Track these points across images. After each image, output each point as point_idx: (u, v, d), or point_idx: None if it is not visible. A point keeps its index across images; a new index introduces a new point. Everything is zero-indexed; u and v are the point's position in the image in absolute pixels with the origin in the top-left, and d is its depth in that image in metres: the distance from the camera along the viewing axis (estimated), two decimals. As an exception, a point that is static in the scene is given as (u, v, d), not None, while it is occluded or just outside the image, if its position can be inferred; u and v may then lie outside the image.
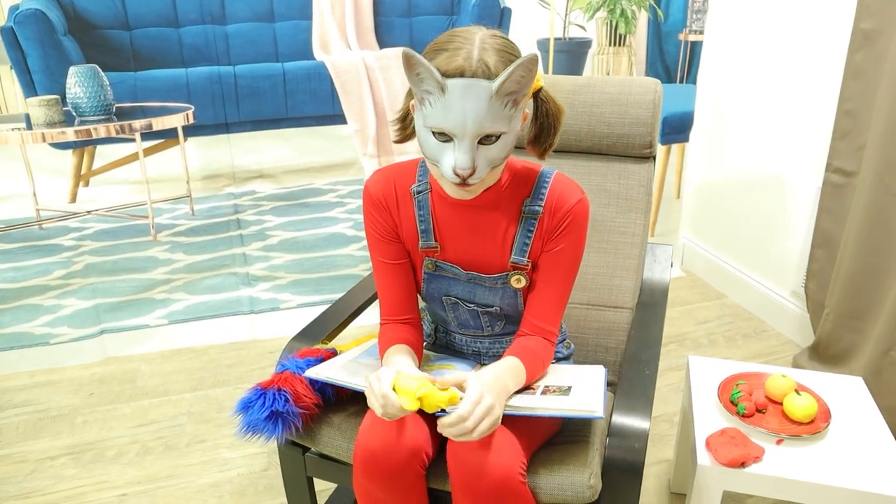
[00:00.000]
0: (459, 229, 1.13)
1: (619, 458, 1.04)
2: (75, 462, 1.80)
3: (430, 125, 0.97)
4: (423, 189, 1.14)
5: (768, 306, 2.39)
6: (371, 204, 1.15)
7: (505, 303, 1.16)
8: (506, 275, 1.13)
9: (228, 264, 2.34)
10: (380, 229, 1.16)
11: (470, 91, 0.92)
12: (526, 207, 1.10)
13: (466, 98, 0.93)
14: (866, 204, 1.81)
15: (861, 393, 1.42)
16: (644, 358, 1.25)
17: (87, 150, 2.10)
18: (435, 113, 0.95)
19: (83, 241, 2.19)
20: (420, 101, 0.97)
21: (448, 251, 1.15)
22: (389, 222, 1.15)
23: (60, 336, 2.24)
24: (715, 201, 2.65)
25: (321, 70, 2.12)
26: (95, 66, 1.96)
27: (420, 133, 1.00)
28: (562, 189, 1.10)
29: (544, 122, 1.07)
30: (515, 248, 1.12)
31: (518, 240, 1.11)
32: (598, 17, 2.38)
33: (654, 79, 1.52)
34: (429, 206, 1.13)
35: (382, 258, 1.17)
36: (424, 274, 1.18)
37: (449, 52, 0.94)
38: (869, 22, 1.78)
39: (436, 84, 0.93)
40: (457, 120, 0.94)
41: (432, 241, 1.14)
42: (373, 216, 1.16)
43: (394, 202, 1.14)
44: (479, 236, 1.13)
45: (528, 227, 1.11)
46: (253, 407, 1.13)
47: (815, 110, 2.09)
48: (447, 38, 0.98)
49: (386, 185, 1.15)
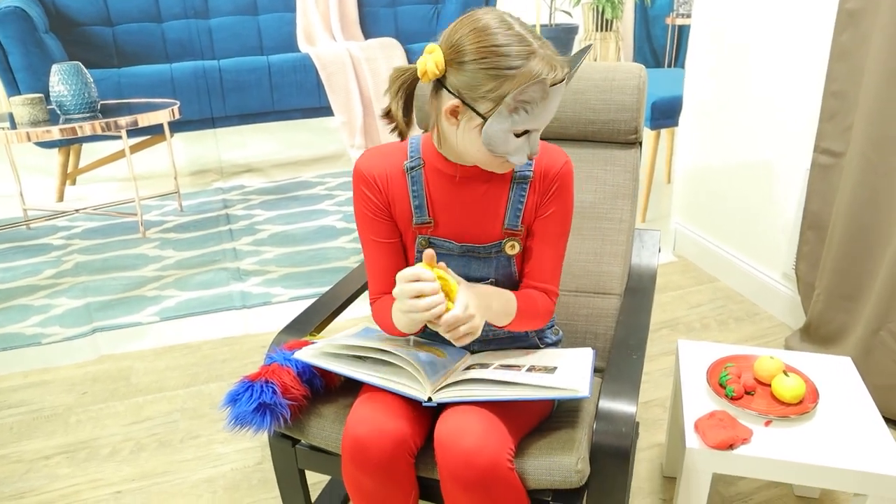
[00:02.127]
0: (453, 202, 1.14)
1: (607, 443, 1.05)
2: (70, 461, 1.81)
3: (521, 128, 1.01)
4: (417, 165, 1.14)
5: (760, 289, 2.40)
6: (362, 182, 1.15)
7: (500, 273, 1.17)
8: (500, 243, 1.15)
9: (219, 259, 2.34)
10: (371, 207, 1.16)
11: (558, 92, 1.01)
12: (517, 174, 1.14)
13: (555, 98, 1.01)
14: (854, 184, 1.81)
15: (850, 373, 1.42)
16: (632, 343, 1.26)
17: (73, 148, 2.09)
18: (531, 118, 1.00)
19: (72, 240, 2.18)
20: (513, 110, 0.98)
21: (441, 226, 1.16)
22: (381, 199, 1.15)
23: (52, 336, 2.24)
24: (705, 185, 2.65)
25: (306, 62, 2.11)
26: (79, 63, 1.94)
27: (495, 136, 1.01)
28: (548, 153, 1.15)
29: None
30: (509, 213, 1.14)
31: (511, 205, 1.14)
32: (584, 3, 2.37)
33: (639, 64, 1.52)
34: (422, 182, 1.14)
35: (374, 236, 1.18)
36: (417, 253, 1.18)
37: (538, 56, 0.97)
38: (853, 2, 1.77)
39: (543, 94, 0.98)
40: (546, 118, 1.02)
41: (426, 216, 1.15)
42: (364, 194, 1.16)
43: (385, 180, 1.15)
44: (474, 206, 1.14)
45: (519, 192, 1.14)
46: (240, 399, 1.13)
47: (802, 92, 2.08)
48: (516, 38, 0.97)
49: (377, 162, 1.16)
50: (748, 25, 2.28)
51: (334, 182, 2.33)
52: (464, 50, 0.97)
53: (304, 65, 2.11)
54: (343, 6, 2.07)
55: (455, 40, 0.98)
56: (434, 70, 0.99)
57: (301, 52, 2.11)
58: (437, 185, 1.14)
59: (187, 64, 2.02)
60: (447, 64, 0.99)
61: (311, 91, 2.14)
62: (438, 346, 1.24)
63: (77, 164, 2.11)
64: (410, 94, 1.07)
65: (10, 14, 1.84)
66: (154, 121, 2.06)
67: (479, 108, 0.99)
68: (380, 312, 1.18)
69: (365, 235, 1.19)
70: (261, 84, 2.09)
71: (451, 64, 0.99)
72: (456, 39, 0.98)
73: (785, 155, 2.20)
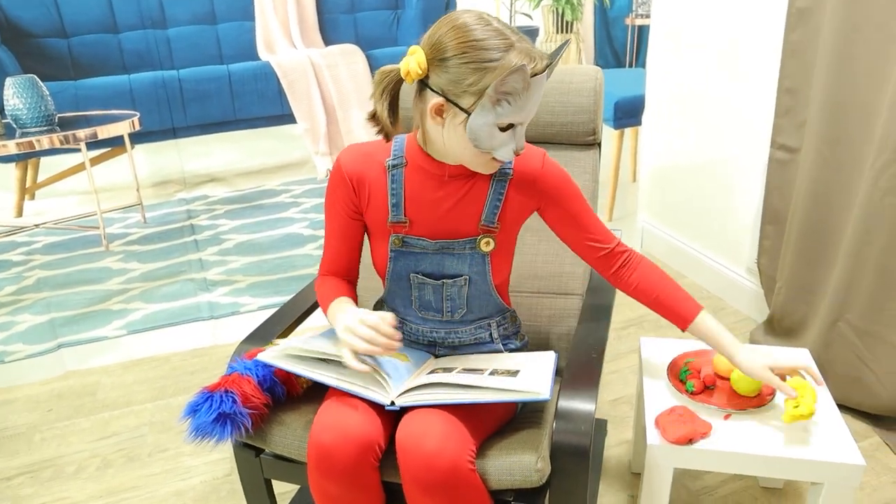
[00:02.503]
0: (431, 200, 1.16)
1: (566, 442, 1.06)
2: (33, 480, 1.77)
3: (505, 122, 1.02)
4: (399, 164, 1.16)
5: (726, 284, 2.44)
6: (339, 176, 1.18)
7: (473, 270, 1.18)
8: (474, 239, 1.16)
9: (185, 271, 2.32)
10: (342, 202, 1.20)
11: (538, 84, 1.02)
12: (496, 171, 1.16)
13: (537, 91, 1.02)
14: (810, 179, 1.85)
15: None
16: (591, 342, 1.27)
17: (31, 162, 2.05)
18: (514, 110, 1.02)
19: (33, 256, 2.15)
20: (496, 102, 1.00)
21: (417, 225, 1.17)
22: (353, 199, 1.19)
23: (15, 353, 2.19)
24: (670, 183, 2.69)
25: (267, 70, 2.10)
26: (33, 76, 1.92)
27: (480, 130, 1.03)
28: (525, 151, 1.16)
29: None
30: (486, 210, 1.16)
31: (489, 202, 1.16)
32: (544, 5, 2.39)
33: (596, 66, 1.54)
34: (402, 180, 1.16)
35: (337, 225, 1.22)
36: (391, 252, 1.19)
37: (517, 49, 0.99)
38: (802, 1, 1.82)
39: (524, 85, 0.99)
40: (531, 110, 1.04)
41: (402, 215, 1.17)
42: (338, 187, 1.19)
43: (365, 177, 1.17)
44: (451, 204, 1.16)
45: (499, 188, 1.16)
46: (200, 410, 1.12)
47: (758, 89, 2.13)
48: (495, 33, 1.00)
49: (360, 159, 1.18)
50: (704, 25, 2.32)
51: (299, 189, 2.32)
52: (445, 47, 1.00)
53: (264, 73, 2.10)
54: (302, 13, 2.07)
55: (436, 39, 1.01)
56: (417, 70, 1.02)
57: (261, 60, 2.10)
58: (418, 185, 1.16)
59: (146, 74, 2.00)
60: (429, 63, 1.02)
61: (272, 99, 2.13)
62: (403, 350, 1.24)
63: (35, 179, 2.08)
64: (395, 95, 1.09)
65: (-39, 27, 1.81)
66: (114, 132, 2.04)
67: (462, 103, 1.01)
68: (321, 290, 1.25)
69: (330, 217, 1.23)
70: (221, 93, 2.08)
71: (434, 63, 1.01)
72: (437, 38, 1.01)
73: (744, 151, 2.24)
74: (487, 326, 1.24)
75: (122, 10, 1.93)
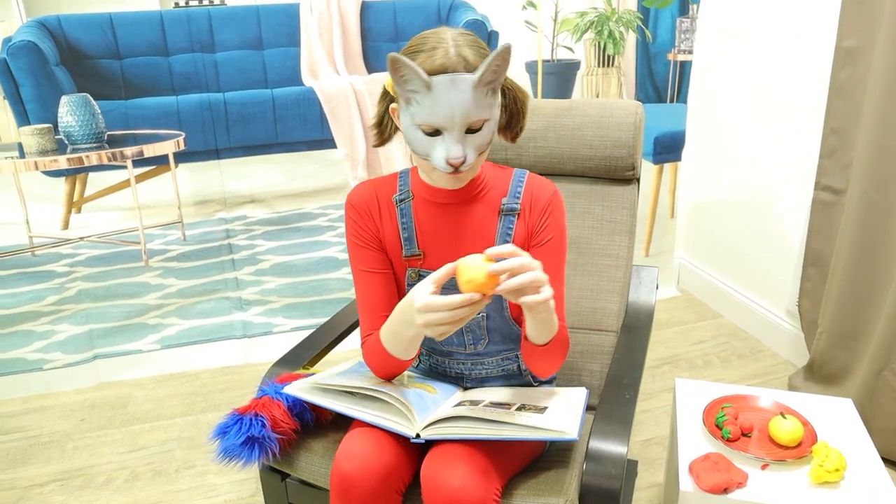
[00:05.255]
0: (442, 233, 1.15)
1: (596, 484, 1.03)
2: (63, 488, 1.80)
3: (418, 122, 1.01)
4: (405, 197, 1.17)
5: (764, 326, 2.37)
6: (354, 211, 1.18)
7: (490, 307, 1.16)
8: None
9: (220, 289, 2.35)
10: (364, 236, 1.17)
11: (455, 85, 0.98)
12: (504, 205, 1.15)
13: (452, 92, 0.98)
14: (855, 222, 1.80)
15: (850, 415, 1.40)
16: (625, 382, 1.24)
17: (80, 177, 2.12)
18: (423, 110, 1.00)
19: (76, 268, 2.21)
20: (406, 101, 1.02)
21: (431, 258, 1.16)
22: (372, 228, 1.17)
23: (54, 361, 2.25)
24: (709, 220, 2.64)
25: (310, 95, 2.14)
26: (87, 95, 1.99)
27: (408, 132, 1.04)
28: (537, 185, 1.17)
29: (513, 108, 1.13)
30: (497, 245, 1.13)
31: (499, 238, 1.15)
32: (585, 39, 2.40)
33: (636, 101, 1.53)
34: (411, 214, 1.16)
35: (365, 267, 1.18)
36: (408, 287, 1.18)
37: (426, 52, 0.99)
38: (850, 41, 1.79)
39: (422, 83, 0.98)
40: (446, 114, 0.99)
41: (415, 248, 1.16)
42: (355, 224, 1.17)
43: (377, 210, 1.17)
44: (461, 237, 1.15)
45: (507, 224, 1.15)
46: (229, 432, 1.12)
47: (803, 128, 2.09)
48: (420, 41, 1.02)
49: (368, 195, 1.18)
50: (748, 62, 2.29)
51: (336, 213, 2.35)
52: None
53: (307, 98, 2.14)
54: (347, 41, 2.11)
55: None
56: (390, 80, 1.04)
57: (305, 85, 2.14)
58: (426, 217, 1.15)
59: (193, 96, 2.06)
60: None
61: (314, 123, 2.17)
62: (430, 382, 1.23)
63: (83, 193, 2.14)
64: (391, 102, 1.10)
65: (23, 48, 1.89)
66: (159, 151, 2.09)
67: (399, 102, 1.04)
68: (371, 352, 1.14)
69: (357, 267, 1.19)
70: (265, 116, 2.13)
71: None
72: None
73: (786, 191, 2.20)
74: (515, 358, 1.23)
75: (174, 35, 1.99)
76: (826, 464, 1.17)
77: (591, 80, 2.48)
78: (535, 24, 2.30)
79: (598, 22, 2.36)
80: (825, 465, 1.17)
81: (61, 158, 2.01)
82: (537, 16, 2.29)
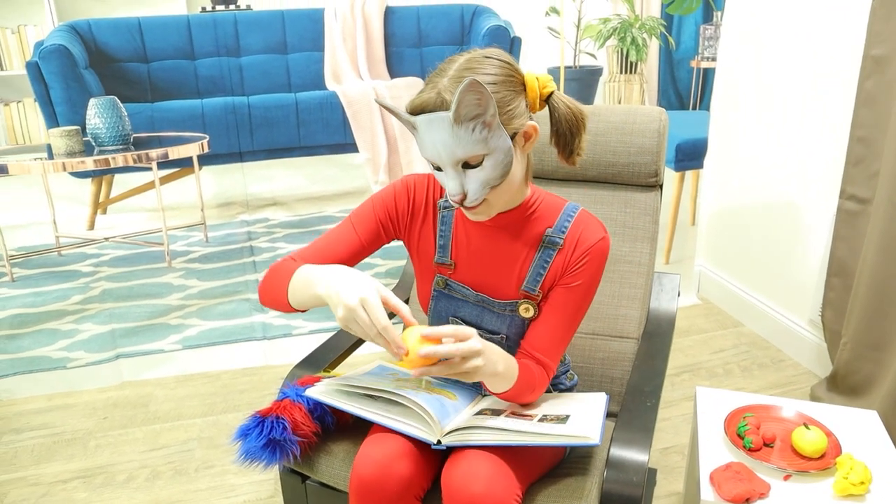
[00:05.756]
0: (477, 250, 1.14)
1: (617, 492, 1.03)
2: (86, 485, 1.82)
3: (426, 157, 1.02)
4: (450, 206, 1.16)
5: (785, 335, 2.35)
6: (401, 192, 1.16)
7: (512, 331, 1.15)
8: (515, 302, 1.13)
9: (242, 290, 2.37)
10: (386, 212, 1.15)
11: (433, 124, 0.96)
12: (546, 237, 1.11)
13: (432, 131, 0.96)
14: (881, 232, 1.78)
15: (876, 428, 1.38)
16: (647, 389, 1.24)
17: (106, 178, 2.15)
18: (420, 146, 1.01)
19: (100, 268, 2.24)
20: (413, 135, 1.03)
21: (461, 271, 1.16)
22: (401, 216, 1.16)
23: (77, 360, 2.28)
24: (730, 228, 2.62)
25: (333, 100, 2.16)
26: (114, 97, 2.02)
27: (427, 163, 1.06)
28: (585, 225, 1.10)
29: (560, 128, 1.06)
30: (529, 276, 1.12)
31: (533, 268, 1.12)
32: (608, 46, 2.39)
33: (660, 108, 1.52)
34: (451, 224, 1.15)
35: (356, 224, 1.15)
36: (434, 291, 1.19)
37: (424, 89, 0.99)
38: (879, 49, 1.77)
39: (408, 122, 0.99)
40: (432, 152, 0.99)
41: (448, 258, 1.16)
42: (392, 200, 1.16)
43: (421, 207, 1.16)
44: (496, 259, 1.14)
45: (545, 256, 1.11)
46: (251, 434, 1.13)
47: (828, 136, 2.07)
48: (434, 72, 1.01)
49: (423, 190, 1.17)
50: (773, 69, 2.28)
51: (357, 217, 2.35)
52: None
53: (330, 102, 2.16)
54: (370, 46, 2.13)
55: None
56: None
57: (328, 89, 2.16)
58: (465, 231, 1.15)
59: (218, 100, 2.09)
60: None
61: (337, 128, 2.19)
62: (450, 388, 1.24)
63: (108, 194, 2.18)
64: None
65: (54, 52, 1.93)
66: (184, 154, 2.12)
67: None
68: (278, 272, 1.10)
69: (349, 219, 1.16)
70: (288, 120, 2.15)
71: None
72: None
73: (810, 199, 2.18)
74: None
75: (200, 39, 2.02)
76: (851, 476, 1.16)
77: (613, 86, 2.47)
78: (557, 30, 2.30)
79: (622, 29, 2.35)
80: (850, 477, 1.16)
81: (88, 160, 2.04)
82: (560, 22, 2.29)
